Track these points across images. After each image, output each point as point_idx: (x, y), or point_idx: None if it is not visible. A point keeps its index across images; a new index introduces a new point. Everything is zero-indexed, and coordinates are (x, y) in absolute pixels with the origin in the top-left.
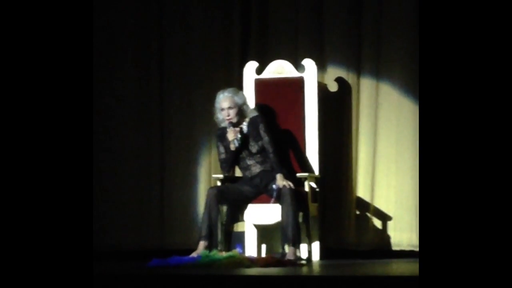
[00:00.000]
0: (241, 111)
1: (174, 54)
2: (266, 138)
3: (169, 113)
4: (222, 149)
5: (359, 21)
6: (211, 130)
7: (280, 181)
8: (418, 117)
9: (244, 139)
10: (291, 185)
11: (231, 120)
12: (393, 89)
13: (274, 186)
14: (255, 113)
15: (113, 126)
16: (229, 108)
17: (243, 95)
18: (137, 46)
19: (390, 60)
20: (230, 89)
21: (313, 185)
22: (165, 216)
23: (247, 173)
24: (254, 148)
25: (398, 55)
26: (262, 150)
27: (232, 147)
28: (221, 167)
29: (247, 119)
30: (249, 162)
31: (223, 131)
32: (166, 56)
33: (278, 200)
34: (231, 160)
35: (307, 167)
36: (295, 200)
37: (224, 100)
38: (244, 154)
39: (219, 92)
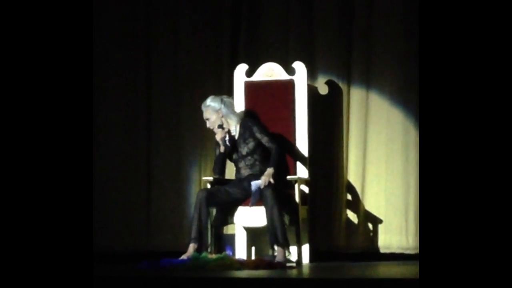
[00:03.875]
0: (220, 117)
1: (163, 55)
2: (265, 138)
3: (158, 114)
4: (218, 151)
5: (349, 29)
6: (199, 132)
7: (265, 176)
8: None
9: (233, 141)
10: (271, 181)
11: (213, 129)
12: (382, 93)
13: (252, 183)
14: (241, 115)
15: (99, 127)
16: (206, 119)
17: (218, 99)
18: (125, 49)
19: (380, 68)
20: (208, 98)
21: (303, 187)
22: (152, 218)
23: (238, 175)
24: (244, 150)
25: (387, 63)
26: (252, 153)
27: (222, 148)
28: (213, 168)
29: (235, 122)
30: (240, 165)
31: (221, 127)
32: (154, 56)
33: (261, 199)
34: (220, 161)
35: (297, 170)
36: (277, 201)
37: (203, 113)
38: (235, 156)
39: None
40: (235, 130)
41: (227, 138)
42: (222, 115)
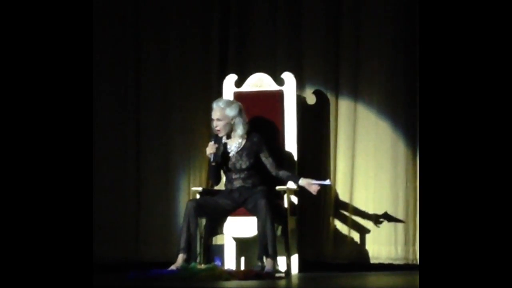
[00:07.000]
0: (231, 124)
1: (152, 66)
2: (270, 162)
3: (147, 124)
4: (210, 163)
5: (337, 40)
6: (189, 142)
7: (308, 182)
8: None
9: (224, 154)
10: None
11: (219, 132)
12: (371, 103)
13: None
14: (248, 127)
15: None
16: (218, 120)
17: (236, 107)
18: (113, 60)
19: (368, 78)
20: (225, 100)
21: (292, 198)
22: (141, 228)
23: (229, 186)
24: (244, 163)
25: (375, 73)
26: (250, 168)
27: (212, 160)
28: (208, 177)
29: (241, 134)
30: (234, 176)
31: (216, 138)
32: (143, 68)
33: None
34: (214, 172)
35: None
36: (271, 211)
37: (214, 112)
38: (230, 166)
39: (214, 102)
40: (238, 142)
41: (220, 151)
42: (233, 123)
